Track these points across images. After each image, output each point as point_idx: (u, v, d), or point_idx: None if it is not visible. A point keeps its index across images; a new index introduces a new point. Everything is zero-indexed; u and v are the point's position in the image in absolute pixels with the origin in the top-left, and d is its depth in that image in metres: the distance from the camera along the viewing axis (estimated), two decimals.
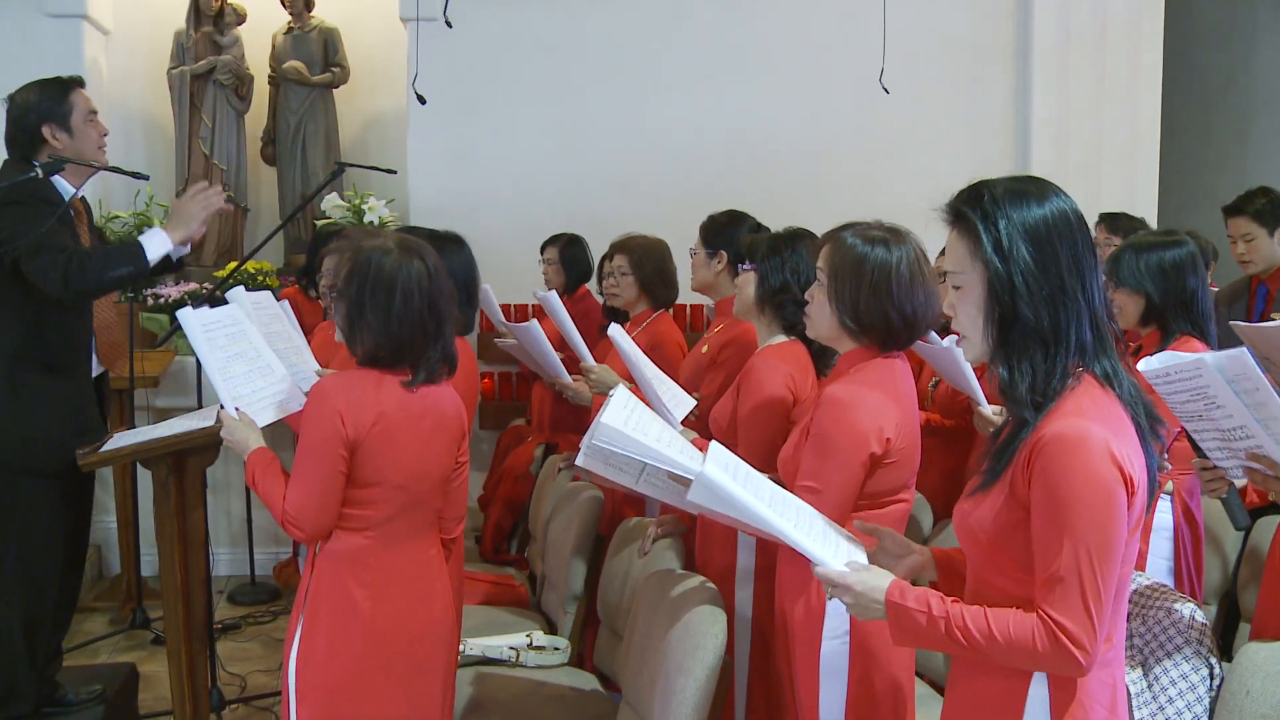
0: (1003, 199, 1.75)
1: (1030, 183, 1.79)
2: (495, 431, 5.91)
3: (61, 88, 3.39)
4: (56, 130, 3.35)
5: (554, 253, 5.36)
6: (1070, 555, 1.63)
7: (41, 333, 3.28)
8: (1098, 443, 1.65)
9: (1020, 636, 1.67)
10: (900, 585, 1.79)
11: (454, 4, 5.12)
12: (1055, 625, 1.64)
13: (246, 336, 2.88)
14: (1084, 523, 1.63)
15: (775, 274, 2.94)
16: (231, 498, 5.89)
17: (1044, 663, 1.68)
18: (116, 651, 4.86)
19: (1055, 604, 1.64)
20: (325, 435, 2.37)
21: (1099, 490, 1.64)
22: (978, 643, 1.69)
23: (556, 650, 3.44)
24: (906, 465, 2.47)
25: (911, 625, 1.75)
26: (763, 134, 6.34)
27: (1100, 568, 1.64)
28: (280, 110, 6.49)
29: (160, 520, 3.30)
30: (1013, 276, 1.72)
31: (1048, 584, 1.66)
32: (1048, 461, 1.66)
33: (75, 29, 6.00)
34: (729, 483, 1.88)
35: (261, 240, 4.57)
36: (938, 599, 1.75)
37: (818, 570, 1.86)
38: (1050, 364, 1.72)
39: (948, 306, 1.86)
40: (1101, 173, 6.33)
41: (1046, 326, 1.71)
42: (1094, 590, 1.64)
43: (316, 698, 2.45)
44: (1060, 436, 1.66)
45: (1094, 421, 1.67)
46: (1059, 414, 1.69)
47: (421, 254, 2.47)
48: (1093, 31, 6.34)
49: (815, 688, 2.41)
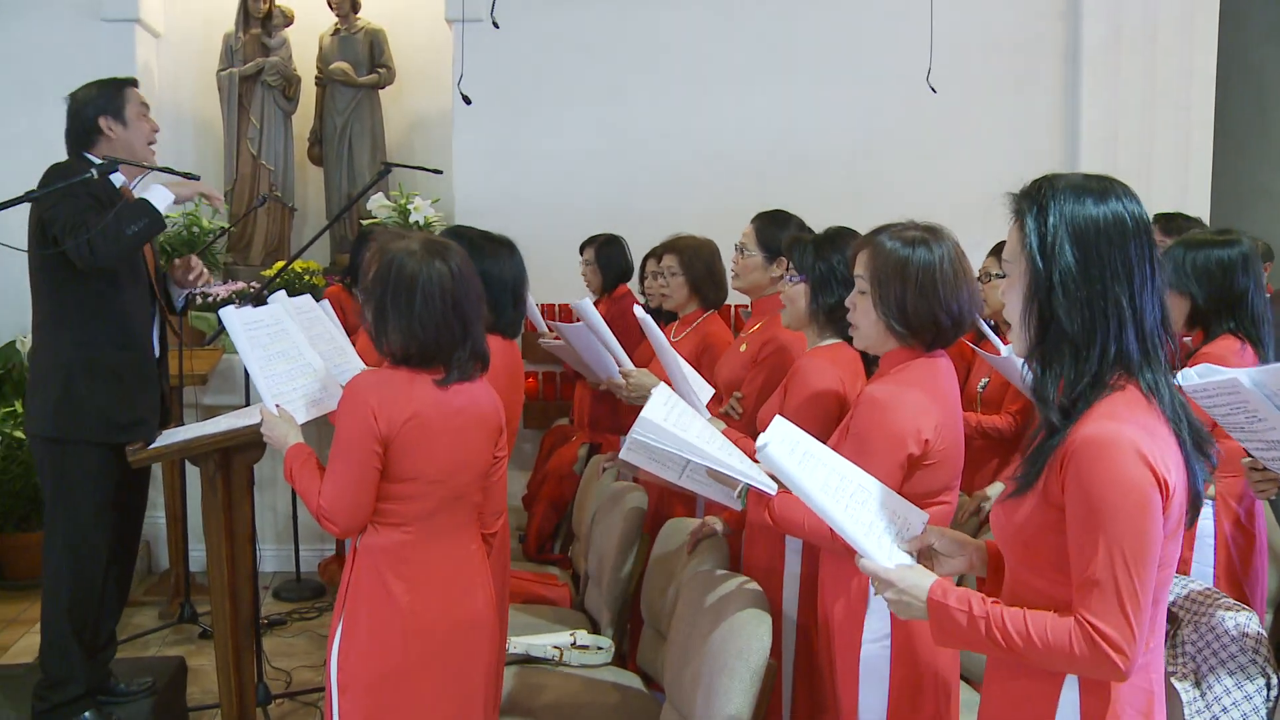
0: (1061, 194, 1.72)
1: (1096, 181, 1.76)
2: (539, 431, 5.93)
3: (117, 85, 3.58)
4: (111, 122, 3.50)
5: (591, 253, 5.37)
6: (1105, 558, 1.62)
7: (104, 312, 3.41)
8: (1127, 444, 1.62)
9: (1058, 640, 1.65)
10: (943, 585, 1.78)
11: (499, 5, 5.14)
12: (1093, 629, 1.62)
13: (288, 335, 2.91)
14: (1118, 525, 1.61)
15: (829, 289, 2.87)
16: (277, 494, 5.95)
17: (1082, 667, 1.67)
18: (165, 645, 4.92)
19: (1092, 608, 1.63)
20: (359, 431, 2.39)
21: (1131, 492, 1.61)
22: (1016, 645, 1.68)
23: (600, 650, 3.44)
24: (948, 467, 2.43)
25: (952, 625, 1.75)
26: (808, 134, 6.32)
27: (1136, 570, 1.62)
28: (327, 111, 6.55)
29: (208, 516, 3.34)
30: (1051, 276, 1.71)
31: (1084, 588, 1.64)
32: (1079, 465, 1.64)
33: (129, 33, 6.11)
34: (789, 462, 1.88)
35: (309, 240, 4.60)
36: (979, 599, 1.74)
37: (862, 563, 1.87)
38: (1079, 369, 1.70)
39: (1001, 295, 1.86)
40: (1152, 174, 6.23)
41: (1079, 330, 1.69)
42: (1131, 593, 1.62)
43: (357, 690, 2.47)
44: (1091, 439, 1.64)
45: (1124, 424, 1.65)
46: (1091, 417, 1.67)
47: (445, 255, 2.47)
48: (1144, 29, 6.25)
49: (855, 690, 2.39)
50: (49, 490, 3.46)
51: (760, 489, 2.38)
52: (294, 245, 6.52)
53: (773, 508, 2.40)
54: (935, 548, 1.99)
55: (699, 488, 2.50)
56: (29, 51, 6.04)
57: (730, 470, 2.35)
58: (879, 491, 2.04)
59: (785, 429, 2.03)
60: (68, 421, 3.39)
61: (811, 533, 2.37)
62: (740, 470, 2.36)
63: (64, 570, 3.42)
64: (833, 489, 1.94)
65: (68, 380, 3.38)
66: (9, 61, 6.08)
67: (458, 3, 5.85)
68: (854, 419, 2.42)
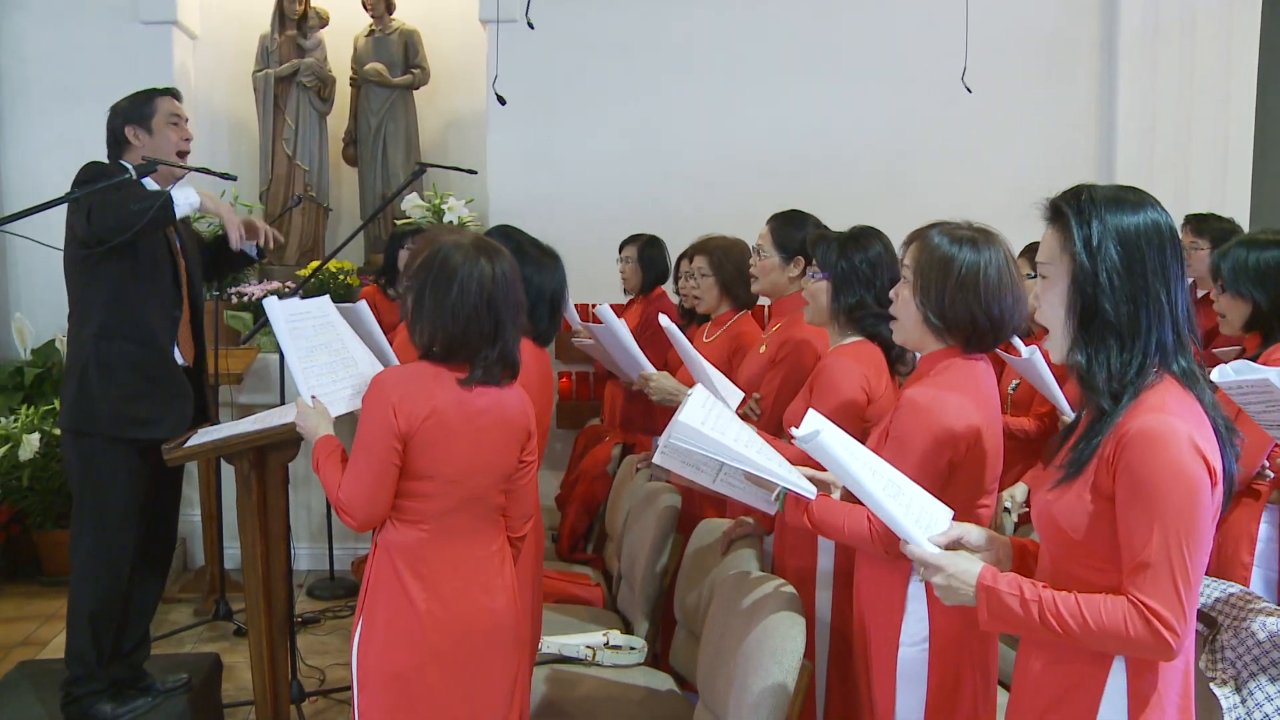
0: (1100, 201, 1.82)
1: (1130, 191, 1.86)
2: (572, 431, 5.93)
3: (148, 94, 3.60)
4: (137, 130, 3.53)
5: (632, 251, 5.36)
6: (1160, 541, 1.69)
7: (126, 306, 3.41)
8: (1182, 436, 1.70)
9: (1112, 621, 1.71)
10: (992, 570, 1.84)
11: (534, 5, 5.14)
12: (1147, 609, 1.69)
13: (334, 328, 2.92)
14: (1173, 510, 1.69)
15: (851, 289, 2.92)
16: (311, 493, 5.99)
17: (1135, 647, 1.72)
18: (200, 642, 4.96)
19: (1146, 588, 1.70)
20: (379, 426, 2.40)
21: (1186, 479, 1.69)
22: (1070, 627, 1.74)
23: (633, 650, 3.44)
24: (987, 470, 2.41)
25: (1002, 609, 1.80)
26: (843, 133, 6.29)
27: (1190, 553, 1.69)
28: (361, 111, 6.58)
29: (242, 514, 3.36)
30: (1098, 272, 1.79)
31: (1138, 570, 1.71)
32: (1133, 455, 1.72)
33: (166, 35, 6.18)
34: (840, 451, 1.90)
35: (343, 240, 4.63)
36: (1029, 584, 1.80)
37: (909, 548, 1.92)
38: (1126, 357, 1.79)
39: (1033, 298, 1.92)
40: (1190, 170, 6.15)
41: (1125, 322, 1.78)
42: (1184, 574, 1.69)
43: (375, 686, 2.48)
44: (1145, 431, 1.72)
45: (1176, 416, 1.72)
46: (1141, 409, 1.75)
47: (493, 256, 2.48)
48: (1182, 21, 6.16)
49: (892, 693, 2.38)
50: (76, 487, 3.49)
51: (798, 492, 2.36)
52: (329, 245, 6.56)
53: (811, 511, 2.39)
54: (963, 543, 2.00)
55: (733, 491, 2.48)
56: (68, 54, 6.12)
57: (769, 474, 2.33)
58: (907, 485, 2.06)
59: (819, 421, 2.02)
60: (83, 415, 3.42)
61: (851, 534, 2.35)
62: (779, 474, 2.34)
63: (89, 569, 3.43)
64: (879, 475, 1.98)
65: (83, 374, 3.41)
66: (48, 64, 6.16)
67: (492, 3, 5.86)
68: (894, 421, 2.40)
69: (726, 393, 3.26)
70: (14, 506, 5.69)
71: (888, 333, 2.61)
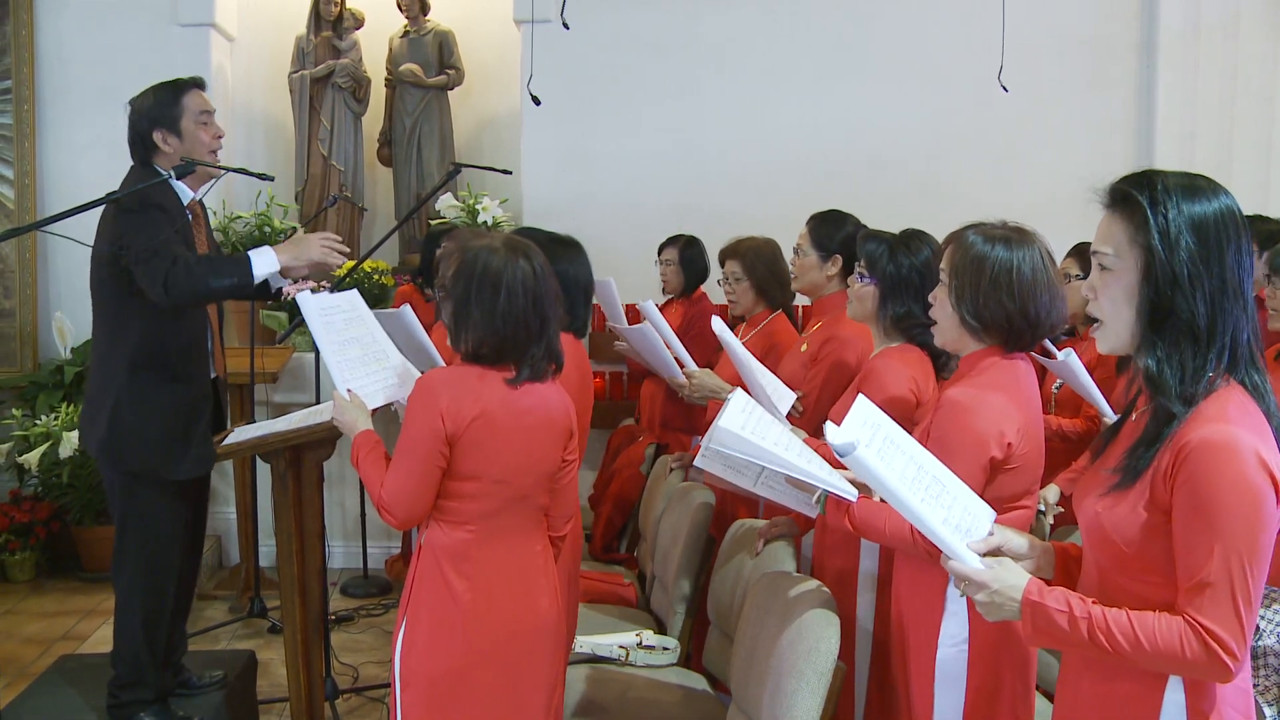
0: (1174, 189, 1.70)
1: (1200, 178, 1.74)
2: (606, 430, 5.92)
3: (174, 91, 3.40)
4: (167, 135, 3.36)
5: (673, 253, 5.34)
6: (1221, 560, 1.59)
7: (160, 336, 3.30)
8: (1247, 449, 1.60)
9: (1167, 642, 1.62)
10: (1039, 584, 1.75)
11: (569, 5, 5.15)
12: (1205, 631, 1.60)
13: (364, 322, 2.93)
14: (1235, 528, 1.59)
15: (899, 299, 2.89)
16: (346, 492, 6.02)
17: (1190, 669, 1.64)
18: (235, 639, 5.00)
19: (1204, 609, 1.60)
20: (426, 429, 2.39)
21: (1250, 495, 1.59)
22: (1121, 646, 1.65)
23: (666, 650, 3.43)
24: (1029, 471, 2.40)
25: (1049, 625, 1.71)
26: (879, 134, 6.27)
27: (1252, 573, 1.60)
28: (396, 112, 6.61)
29: (278, 512, 3.38)
30: (1175, 267, 1.67)
31: (1196, 590, 1.62)
32: (1195, 467, 1.62)
33: (203, 37, 6.23)
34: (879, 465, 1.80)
35: (378, 240, 4.65)
36: (1078, 599, 1.70)
37: (950, 564, 1.82)
38: (1200, 361, 1.67)
39: (1087, 289, 1.80)
40: (1232, 173, 6.05)
41: (1202, 324, 1.67)
42: (1245, 595, 1.60)
43: (419, 686, 2.48)
44: (1208, 443, 1.61)
45: (1240, 428, 1.62)
46: (1202, 419, 1.64)
47: (528, 254, 2.48)
48: (1223, 22, 6.09)
49: (930, 694, 2.36)
50: (116, 513, 3.38)
51: (840, 495, 2.35)
52: (364, 245, 6.60)
53: (853, 514, 2.37)
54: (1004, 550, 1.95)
55: (775, 494, 2.47)
56: (107, 56, 6.16)
57: (810, 477, 2.32)
58: (952, 484, 1.98)
59: (867, 410, 1.97)
60: (118, 452, 3.30)
61: (893, 537, 2.34)
62: (820, 477, 2.32)
63: (136, 589, 3.35)
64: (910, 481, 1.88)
65: (116, 408, 3.27)
66: (87, 66, 6.22)
67: (527, 3, 5.88)
68: (935, 422, 2.38)
69: (778, 395, 3.23)
70: (54, 503, 5.76)
71: (933, 340, 2.59)
